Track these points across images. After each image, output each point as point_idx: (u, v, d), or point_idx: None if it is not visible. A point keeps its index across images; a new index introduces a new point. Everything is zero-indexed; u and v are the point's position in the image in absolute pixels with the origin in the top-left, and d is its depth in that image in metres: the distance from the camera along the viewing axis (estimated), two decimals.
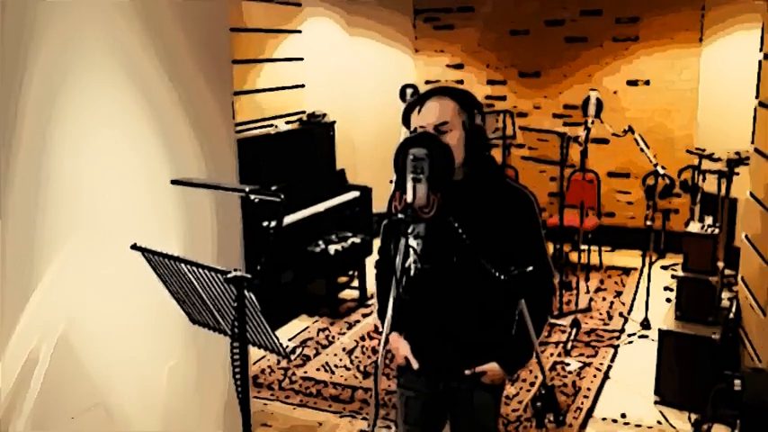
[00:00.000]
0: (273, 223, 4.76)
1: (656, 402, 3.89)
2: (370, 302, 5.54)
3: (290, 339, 4.92)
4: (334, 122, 6.23)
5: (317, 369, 4.48)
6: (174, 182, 2.20)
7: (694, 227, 4.17)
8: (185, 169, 2.76)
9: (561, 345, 4.69)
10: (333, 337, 4.97)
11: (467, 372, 2.16)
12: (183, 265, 1.85)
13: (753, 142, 4.00)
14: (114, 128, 2.55)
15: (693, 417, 3.70)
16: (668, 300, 5.14)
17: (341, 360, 4.61)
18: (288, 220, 5.12)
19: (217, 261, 2.80)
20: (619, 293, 5.66)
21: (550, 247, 5.91)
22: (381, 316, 2.30)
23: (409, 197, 1.81)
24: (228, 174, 3.08)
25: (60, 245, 2.42)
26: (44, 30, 2.32)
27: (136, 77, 2.58)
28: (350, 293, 5.74)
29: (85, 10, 2.42)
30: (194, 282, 1.88)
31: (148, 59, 2.61)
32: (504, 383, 2.34)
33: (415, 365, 2.20)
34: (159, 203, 2.72)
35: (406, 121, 2.15)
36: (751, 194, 3.96)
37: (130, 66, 2.56)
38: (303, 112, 6.22)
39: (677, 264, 5.44)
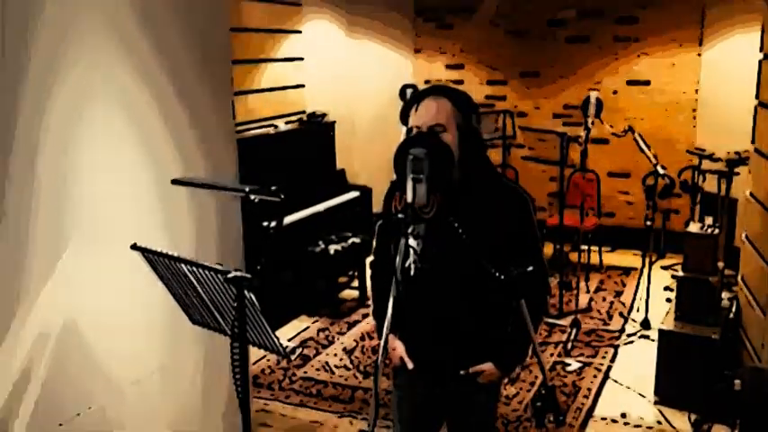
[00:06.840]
0: (273, 223, 4.76)
1: (656, 402, 3.89)
2: (369, 302, 5.52)
3: (289, 339, 4.91)
4: (334, 122, 6.23)
5: (317, 369, 4.48)
6: (174, 182, 2.21)
7: (694, 227, 4.17)
8: (185, 169, 2.76)
9: (561, 345, 4.69)
10: (333, 337, 4.97)
11: (462, 372, 2.16)
12: (182, 265, 1.85)
13: (753, 142, 4.00)
14: (114, 128, 2.55)
15: (693, 417, 3.70)
16: (668, 300, 5.14)
17: (341, 360, 4.61)
18: (288, 220, 5.12)
19: (217, 261, 2.80)
20: (619, 293, 5.66)
21: (550, 248, 5.92)
22: (377, 316, 2.30)
23: (409, 197, 1.81)
24: (228, 174, 3.08)
25: (60, 245, 2.42)
26: (43, 27, 2.32)
27: (136, 78, 2.58)
28: (350, 293, 5.74)
29: (84, 8, 2.42)
30: (194, 282, 1.88)
31: (148, 59, 2.61)
32: (502, 383, 2.34)
33: (410, 366, 2.20)
34: (159, 203, 2.72)
35: (404, 118, 2.15)
36: (751, 194, 3.96)
37: (130, 66, 2.56)
38: (303, 112, 6.21)
39: (677, 264, 5.44)
